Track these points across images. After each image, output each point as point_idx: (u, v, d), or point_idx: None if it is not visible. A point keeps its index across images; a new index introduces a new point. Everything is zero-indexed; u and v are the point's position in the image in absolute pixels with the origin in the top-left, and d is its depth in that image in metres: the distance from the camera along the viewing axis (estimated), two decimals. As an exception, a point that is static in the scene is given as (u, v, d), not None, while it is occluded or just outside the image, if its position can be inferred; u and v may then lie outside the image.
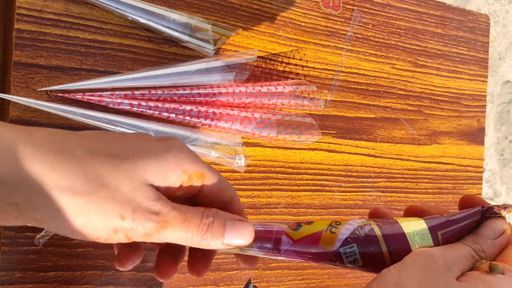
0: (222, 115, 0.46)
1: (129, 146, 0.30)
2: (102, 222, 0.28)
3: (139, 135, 0.32)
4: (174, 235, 0.30)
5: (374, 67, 0.59)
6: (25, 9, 0.40)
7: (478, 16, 0.69)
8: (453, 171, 0.66)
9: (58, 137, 0.28)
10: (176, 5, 0.47)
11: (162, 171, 0.30)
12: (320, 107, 0.54)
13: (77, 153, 0.28)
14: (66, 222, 0.27)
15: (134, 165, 0.29)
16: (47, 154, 0.27)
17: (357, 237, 0.33)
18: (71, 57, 0.42)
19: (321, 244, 0.33)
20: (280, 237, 0.34)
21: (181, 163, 0.30)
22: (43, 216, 0.27)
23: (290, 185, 0.53)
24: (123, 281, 0.44)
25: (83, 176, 0.27)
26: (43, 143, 0.27)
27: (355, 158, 0.57)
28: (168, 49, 0.46)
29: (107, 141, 0.30)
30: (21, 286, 0.40)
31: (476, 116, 0.69)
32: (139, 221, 0.28)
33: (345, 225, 0.34)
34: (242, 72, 0.48)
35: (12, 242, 0.40)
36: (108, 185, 0.28)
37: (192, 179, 0.31)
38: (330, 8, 0.56)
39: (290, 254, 0.34)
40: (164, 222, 0.29)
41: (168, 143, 0.31)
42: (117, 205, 0.28)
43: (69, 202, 0.27)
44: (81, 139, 0.29)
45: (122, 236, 0.29)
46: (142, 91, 0.43)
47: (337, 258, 0.33)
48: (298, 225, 0.34)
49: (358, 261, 0.33)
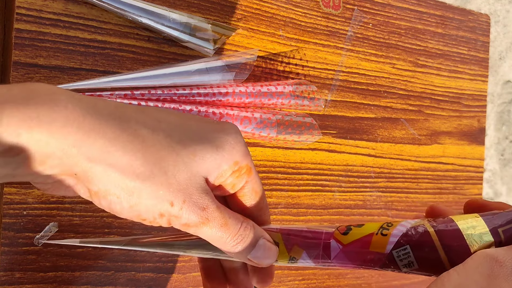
0: (222, 115, 0.46)
1: (190, 132, 0.30)
2: (152, 206, 0.28)
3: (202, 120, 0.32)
4: (210, 234, 0.30)
5: (375, 67, 0.59)
6: (24, 8, 0.40)
7: (479, 16, 0.69)
8: (453, 171, 0.66)
9: (123, 112, 0.28)
10: (176, 5, 0.46)
11: (218, 162, 0.30)
12: (320, 107, 0.54)
13: (141, 132, 0.28)
14: (118, 200, 0.28)
15: (194, 154, 0.29)
16: (113, 130, 0.27)
17: (411, 239, 0.31)
18: (70, 57, 0.42)
19: (372, 248, 0.31)
20: (329, 241, 0.32)
21: (235, 154, 0.30)
22: (98, 190, 0.27)
23: (290, 185, 0.53)
24: (123, 281, 0.44)
25: (142, 158, 0.27)
26: (109, 118, 0.27)
27: (355, 158, 0.57)
28: (168, 49, 0.46)
29: (170, 122, 0.30)
30: (21, 286, 0.40)
31: (477, 116, 0.69)
32: (185, 211, 0.29)
33: (397, 226, 0.32)
34: (242, 72, 0.48)
35: (12, 243, 0.40)
36: (165, 170, 0.28)
37: (241, 171, 0.31)
38: (330, 7, 0.56)
39: (340, 260, 0.32)
40: (206, 219, 0.29)
41: (227, 131, 0.31)
42: (170, 192, 0.28)
43: (125, 182, 0.27)
44: (145, 117, 0.29)
45: (165, 221, 0.29)
46: (142, 91, 0.43)
47: (390, 262, 0.31)
48: (348, 229, 0.33)
49: (413, 264, 0.31)
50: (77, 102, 0.26)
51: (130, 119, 0.28)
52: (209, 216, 0.29)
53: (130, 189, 0.27)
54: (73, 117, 0.25)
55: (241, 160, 0.31)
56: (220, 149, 0.30)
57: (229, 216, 0.31)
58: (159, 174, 0.28)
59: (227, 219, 0.30)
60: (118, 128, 0.27)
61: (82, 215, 0.42)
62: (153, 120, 0.29)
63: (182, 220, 0.29)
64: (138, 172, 0.27)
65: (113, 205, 0.28)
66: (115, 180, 0.27)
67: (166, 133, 0.29)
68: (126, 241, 0.34)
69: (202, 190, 0.29)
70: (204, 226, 0.30)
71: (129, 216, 0.29)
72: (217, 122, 0.32)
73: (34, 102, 0.24)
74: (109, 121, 0.27)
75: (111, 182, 0.27)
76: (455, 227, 0.31)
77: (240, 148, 0.31)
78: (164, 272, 0.46)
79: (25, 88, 0.25)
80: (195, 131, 0.30)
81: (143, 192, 0.28)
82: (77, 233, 0.42)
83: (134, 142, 0.27)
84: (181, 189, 0.28)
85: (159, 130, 0.29)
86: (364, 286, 0.58)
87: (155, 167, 0.28)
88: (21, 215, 0.40)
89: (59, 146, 0.25)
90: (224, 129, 0.31)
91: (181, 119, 0.31)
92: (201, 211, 0.29)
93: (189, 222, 0.29)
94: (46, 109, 0.25)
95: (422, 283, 0.65)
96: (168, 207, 0.28)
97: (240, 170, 0.31)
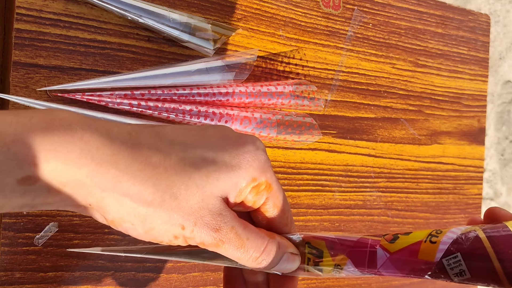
0: (222, 115, 0.46)
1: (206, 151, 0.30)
2: (165, 231, 0.29)
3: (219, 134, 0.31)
4: (228, 254, 0.30)
5: (375, 67, 0.59)
6: (24, 8, 0.40)
7: (479, 16, 0.69)
8: (453, 171, 0.66)
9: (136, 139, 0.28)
10: (176, 5, 0.46)
11: (234, 181, 0.30)
12: (320, 107, 0.54)
13: (152, 159, 0.28)
14: (132, 227, 0.28)
15: (207, 176, 0.29)
16: (125, 159, 0.27)
17: (461, 246, 0.29)
18: (70, 57, 0.42)
19: (421, 256, 0.30)
20: (375, 250, 0.31)
21: (252, 171, 0.30)
22: (113, 219, 0.28)
23: (290, 185, 0.53)
24: (123, 281, 0.44)
25: (153, 185, 0.28)
26: (121, 147, 0.27)
27: (355, 158, 0.57)
28: (168, 49, 0.46)
29: (183, 144, 0.30)
30: (21, 286, 0.40)
31: (477, 116, 0.69)
32: (197, 233, 0.29)
33: (446, 233, 0.30)
34: (242, 72, 0.48)
35: (12, 243, 0.40)
36: (177, 195, 0.28)
37: (259, 187, 0.31)
38: (330, 7, 0.56)
39: (387, 269, 0.31)
40: (220, 241, 0.29)
41: (245, 147, 0.31)
42: (180, 216, 0.28)
43: (137, 210, 0.28)
44: (159, 141, 0.29)
45: (181, 241, 0.29)
46: (141, 91, 0.43)
47: (440, 270, 0.30)
48: (395, 237, 0.32)
49: (465, 273, 0.29)
50: (92, 132, 0.26)
51: (143, 146, 0.28)
52: (223, 237, 0.29)
53: (143, 216, 0.28)
54: (87, 148, 0.26)
55: (259, 176, 0.30)
56: (236, 167, 0.30)
57: (247, 237, 0.30)
58: (170, 200, 0.28)
59: (244, 240, 0.30)
60: (130, 157, 0.27)
61: (82, 215, 0.42)
62: (167, 143, 0.29)
63: (197, 240, 0.29)
64: (149, 199, 0.28)
65: (129, 231, 0.29)
66: (128, 208, 0.28)
67: (179, 156, 0.29)
68: (148, 249, 0.34)
69: (215, 211, 0.29)
70: (219, 247, 0.30)
71: (147, 239, 0.29)
72: (237, 136, 0.31)
73: (51, 133, 0.25)
74: (121, 150, 0.27)
75: (124, 211, 0.28)
76: (509, 233, 0.29)
77: (258, 164, 0.30)
78: (164, 272, 0.46)
79: (45, 117, 0.26)
80: (211, 150, 0.30)
81: (155, 218, 0.28)
82: (77, 233, 0.42)
83: (145, 170, 0.28)
84: (192, 212, 0.29)
85: (171, 154, 0.29)
86: (364, 286, 0.58)
87: (166, 194, 0.28)
88: (21, 215, 0.40)
89: (73, 177, 0.26)
90: (243, 144, 0.31)
91: (198, 138, 0.30)
92: (214, 232, 0.29)
93: (204, 242, 0.29)
94: (62, 140, 0.25)
95: (423, 283, 0.65)
96: (180, 230, 0.29)
97: (259, 186, 0.31)
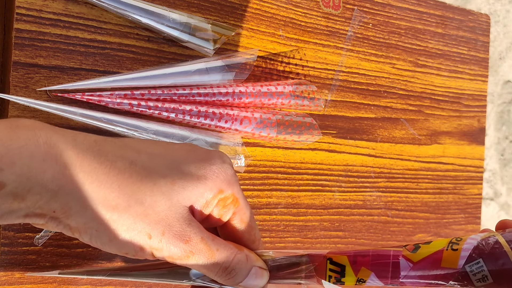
0: (222, 115, 0.46)
1: (172, 162, 0.29)
2: (130, 238, 0.28)
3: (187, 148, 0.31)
4: (197, 267, 0.30)
5: (375, 67, 0.59)
6: (24, 8, 0.40)
7: (479, 16, 0.69)
8: (453, 171, 0.66)
9: (102, 146, 0.28)
10: (176, 5, 0.46)
11: (200, 190, 0.29)
12: (320, 107, 0.54)
13: (117, 165, 0.27)
14: (97, 233, 0.27)
15: (173, 183, 0.28)
16: (89, 163, 0.27)
17: (483, 251, 0.30)
18: (70, 57, 0.42)
19: (444, 264, 0.30)
20: (398, 260, 0.31)
21: (219, 182, 0.30)
22: (77, 225, 0.27)
23: (290, 185, 0.53)
24: (123, 281, 0.44)
25: (118, 190, 0.27)
26: (86, 152, 0.27)
27: (355, 158, 0.57)
28: (168, 49, 0.46)
29: (150, 154, 0.29)
30: (21, 286, 0.40)
31: (477, 116, 0.69)
32: (166, 244, 0.28)
33: (467, 240, 0.31)
34: (242, 72, 0.48)
35: (12, 243, 0.40)
36: (143, 201, 0.27)
37: (226, 200, 0.31)
38: (330, 7, 0.56)
39: (411, 278, 0.31)
40: (190, 252, 0.29)
41: (212, 160, 0.30)
42: (147, 224, 0.27)
43: (102, 214, 0.27)
44: (124, 150, 0.29)
45: (148, 254, 0.28)
46: (141, 91, 0.43)
47: (463, 277, 0.30)
48: (416, 247, 0.32)
49: (487, 278, 0.29)
50: (57, 137, 0.26)
51: (108, 153, 0.28)
52: (193, 249, 0.29)
53: (107, 222, 0.27)
54: (52, 153, 0.26)
55: (226, 189, 0.30)
56: (203, 178, 0.29)
57: (217, 248, 0.30)
58: (135, 206, 0.27)
59: (214, 251, 0.29)
60: (95, 161, 0.27)
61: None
62: (133, 151, 0.29)
63: (164, 253, 0.28)
64: (114, 204, 0.27)
65: (93, 239, 0.28)
66: (92, 213, 0.27)
67: (145, 164, 0.28)
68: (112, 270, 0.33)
69: (184, 221, 0.28)
70: (189, 259, 0.29)
71: (111, 250, 0.28)
72: (204, 151, 0.31)
73: (16, 139, 0.25)
74: (86, 155, 0.27)
75: (88, 216, 0.27)
76: None
77: (225, 176, 0.30)
78: (164, 272, 0.46)
79: (10, 124, 0.26)
80: (178, 161, 0.29)
81: (120, 225, 0.27)
82: (77, 233, 0.42)
83: (110, 174, 0.27)
84: (159, 220, 0.28)
85: (137, 161, 0.28)
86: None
87: (131, 199, 0.27)
88: (21, 215, 0.40)
89: (38, 181, 0.25)
90: (210, 158, 0.31)
91: (164, 149, 0.30)
92: (184, 243, 0.28)
93: (172, 255, 0.28)
94: (28, 146, 0.25)
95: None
96: (146, 240, 0.28)
97: (226, 199, 0.30)
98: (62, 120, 0.41)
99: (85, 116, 0.41)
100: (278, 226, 0.52)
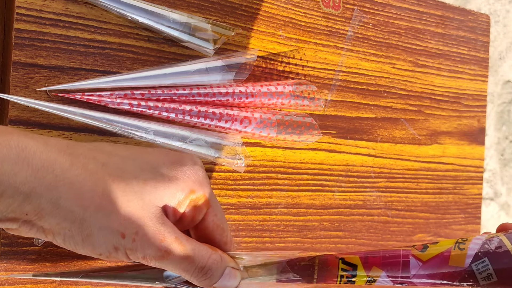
0: (222, 115, 0.46)
1: (144, 163, 0.30)
2: (103, 238, 0.28)
3: (159, 151, 0.31)
4: (172, 268, 0.30)
5: (375, 66, 0.59)
6: (24, 8, 0.40)
7: (479, 16, 0.69)
8: (453, 171, 0.66)
9: (74, 149, 0.28)
10: (176, 5, 0.46)
11: (172, 190, 0.29)
12: (320, 107, 0.54)
13: (89, 166, 0.28)
14: (69, 233, 0.27)
15: (144, 183, 0.29)
16: (61, 165, 0.27)
17: (488, 251, 0.31)
18: (70, 57, 0.42)
19: (452, 263, 0.32)
20: (408, 259, 0.33)
21: (190, 183, 0.30)
22: (50, 227, 0.27)
23: (290, 185, 0.53)
24: (123, 281, 0.44)
25: (90, 190, 0.27)
26: (58, 155, 0.27)
27: (355, 158, 0.57)
28: (167, 49, 0.46)
29: (122, 157, 0.30)
30: (21, 286, 0.40)
31: (477, 116, 0.69)
32: (139, 244, 0.28)
33: (472, 240, 0.32)
34: (242, 72, 0.48)
35: (12, 243, 0.40)
36: (115, 200, 0.28)
37: (198, 201, 0.31)
38: (330, 7, 0.56)
39: (420, 277, 0.32)
40: (165, 252, 0.29)
41: (183, 161, 0.31)
42: (120, 222, 0.28)
43: (74, 214, 0.27)
44: (96, 153, 0.29)
45: (123, 255, 0.28)
46: (141, 91, 0.43)
47: (470, 276, 0.32)
48: (424, 246, 0.33)
49: (492, 276, 0.31)
50: (28, 141, 0.26)
51: (80, 155, 0.28)
52: (168, 248, 0.29)
53: (80, 221, 0.27)
54: (24, 155, 0.26)
55: (197, 189, 0.30)
56: (174, 179, 0.30)
57: (192, 248, 0.30)
58: (108, 205, 0.27)
59: (189, 251, 0.29)
60: (67, 163, 0.27)
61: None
62: (104, 154, 0.29)
63: (139, 254, 0.28)
64: (87, 203, 0.27)
65: (67, 239, 0.28)
66: (64, 213, 0.27)
67: (117, 165, 0.29)
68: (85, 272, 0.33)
69: (157, 220, 0.28)
70: (164, 260, 0.29)
71: (84, 252, 0.28)
72: (176, 154, 0.32)
73: None
74: (58, 157, 0.27)
75: (61, 216, 0.27)
76: None
77: (196, 178, 0.30)
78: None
79: None
80: (150, 163, 0.30)
81: (93, 224, 0.27)
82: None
83: (82, 175, 0.27)
84: (132, 219, 0.28)
85: (109, 163, 0.28)
86: (364, 286, 0.58)
87: (104, 198, 0.27)
88: (21, 215, 0.40)
89: (11, 184, 0.25)
90: (181, 159, 0.31)
91: (136, 152, 0.30)
92: (158, 242, 0.28)
93: (147, 256, 0.28)
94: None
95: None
96: (120, 239, 0.28)
97: (197, 200, 0.31)
98: (62, 120, 0.41)
99: (85, 116, 0.41)
100: (278, 226, 0.52)
